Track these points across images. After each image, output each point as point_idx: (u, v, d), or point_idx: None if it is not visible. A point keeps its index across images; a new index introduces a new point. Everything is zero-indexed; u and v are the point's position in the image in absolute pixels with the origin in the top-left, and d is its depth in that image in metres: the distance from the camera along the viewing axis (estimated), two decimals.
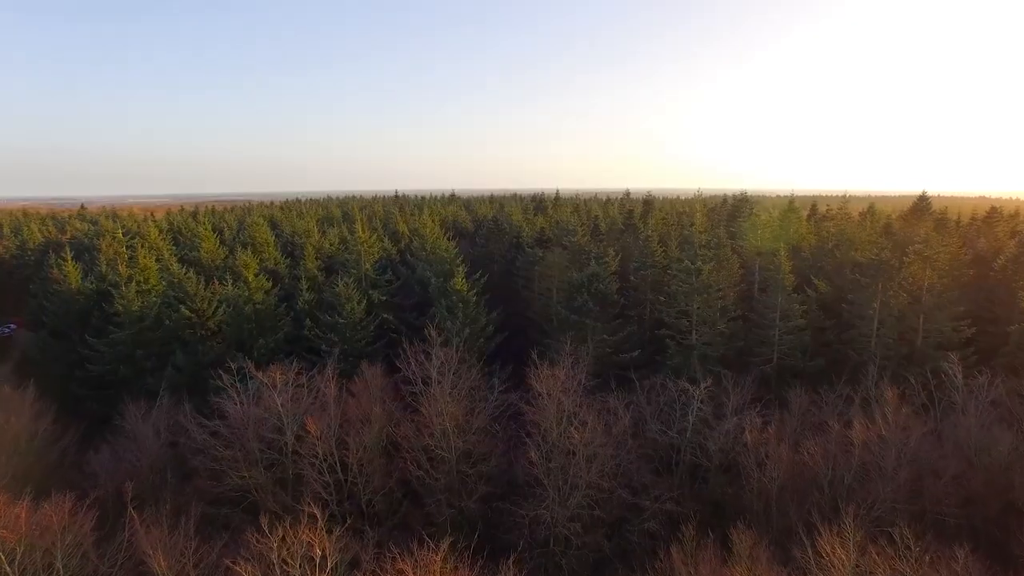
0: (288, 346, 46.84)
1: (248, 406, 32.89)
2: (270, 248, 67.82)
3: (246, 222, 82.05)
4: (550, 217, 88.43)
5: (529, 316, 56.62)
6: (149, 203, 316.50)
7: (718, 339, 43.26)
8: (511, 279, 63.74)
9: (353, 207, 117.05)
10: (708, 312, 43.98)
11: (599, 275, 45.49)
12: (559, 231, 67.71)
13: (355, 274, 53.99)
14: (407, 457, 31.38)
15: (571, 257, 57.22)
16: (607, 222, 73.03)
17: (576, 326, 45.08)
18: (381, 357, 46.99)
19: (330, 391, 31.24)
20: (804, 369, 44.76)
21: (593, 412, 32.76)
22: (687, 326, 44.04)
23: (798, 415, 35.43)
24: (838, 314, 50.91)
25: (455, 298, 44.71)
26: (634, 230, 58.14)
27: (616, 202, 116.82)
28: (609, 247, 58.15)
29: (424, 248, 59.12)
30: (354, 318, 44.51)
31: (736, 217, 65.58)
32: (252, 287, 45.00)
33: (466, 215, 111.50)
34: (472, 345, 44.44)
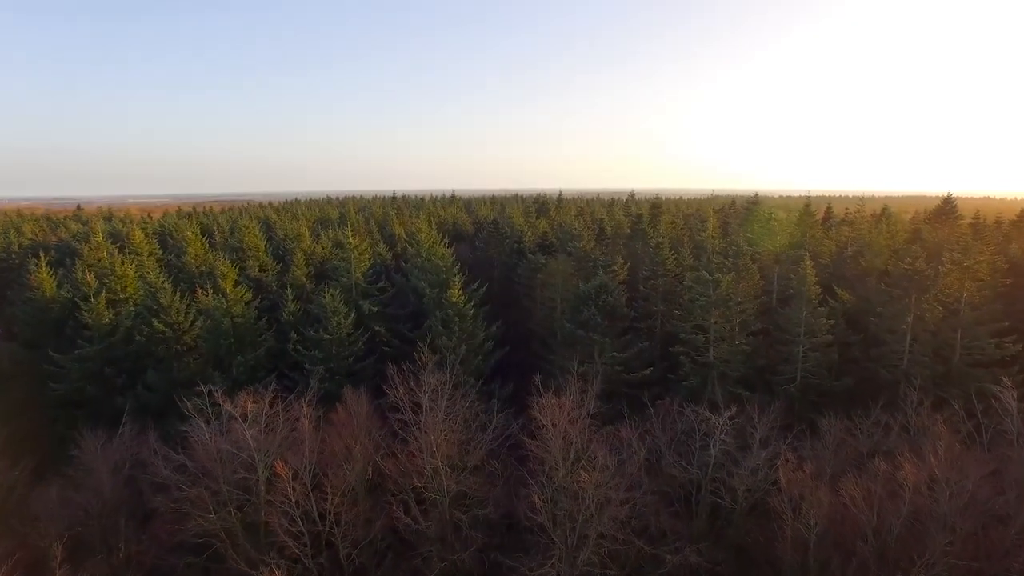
0: (271, 362, 42.87)
1: (216, 438, 28.91)
2: (260, 253, 63.76)
3: (238, 224, 78.10)
4: (552, 220, 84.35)
5: (531, 328, 52.62)
6: (150, 203, 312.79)
7: (738, 357, 39.19)
8: (512, 286, 59.75)
9: (350, 208, 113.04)
10: (727, 327, 39.94)
11: (607, 286, 41.45)
12: (563, 236, 63.65)
13: (345, 283, 50.00)
14: (393, 500, 27.37)
15: (576, 264, 53.20)
16: (612, 226, 68.94)
17: (582, 342, 41.05)
18: (371, 375, 43.05)
19: (305, 425, 27.16)
20: (831, 389, 40.69)
21: (604, 446, 28.80)
22: (704, 342, 39.98)
23: (832, 446, 31.39)
24: (863, 328, 46.85)
25: (451, 311, 40.69)
26: (642, 235, 54.14)
27: (620, 204, 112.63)
28: (616, 254, 54.16)
29: (419, 254, 55.09)
30: (340, 333, 40.49)
31: (749, 220, 61.50)
32: (230, 299, 40.97)
33: (466, 217, 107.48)
34: (469, 363, 40.47)
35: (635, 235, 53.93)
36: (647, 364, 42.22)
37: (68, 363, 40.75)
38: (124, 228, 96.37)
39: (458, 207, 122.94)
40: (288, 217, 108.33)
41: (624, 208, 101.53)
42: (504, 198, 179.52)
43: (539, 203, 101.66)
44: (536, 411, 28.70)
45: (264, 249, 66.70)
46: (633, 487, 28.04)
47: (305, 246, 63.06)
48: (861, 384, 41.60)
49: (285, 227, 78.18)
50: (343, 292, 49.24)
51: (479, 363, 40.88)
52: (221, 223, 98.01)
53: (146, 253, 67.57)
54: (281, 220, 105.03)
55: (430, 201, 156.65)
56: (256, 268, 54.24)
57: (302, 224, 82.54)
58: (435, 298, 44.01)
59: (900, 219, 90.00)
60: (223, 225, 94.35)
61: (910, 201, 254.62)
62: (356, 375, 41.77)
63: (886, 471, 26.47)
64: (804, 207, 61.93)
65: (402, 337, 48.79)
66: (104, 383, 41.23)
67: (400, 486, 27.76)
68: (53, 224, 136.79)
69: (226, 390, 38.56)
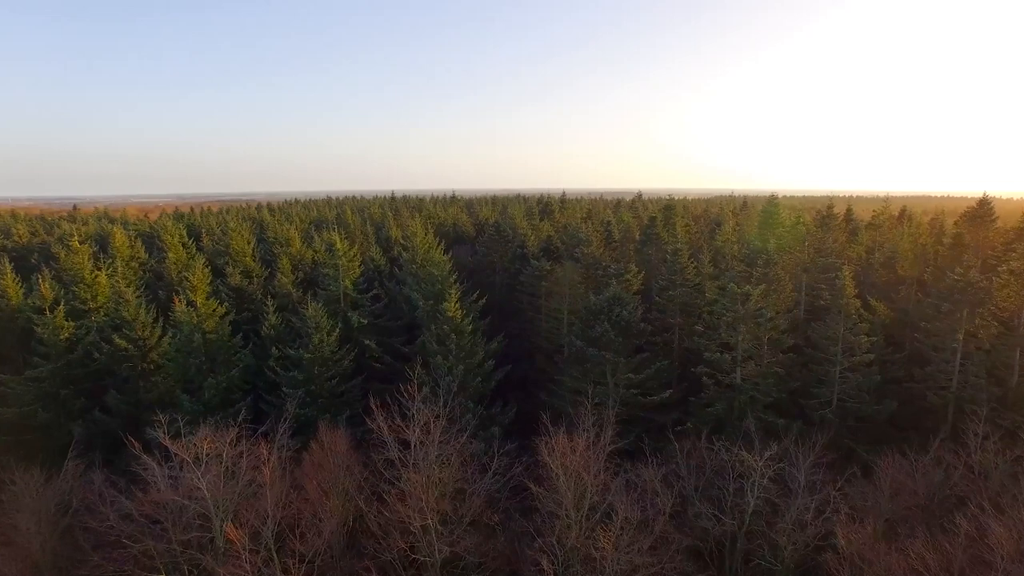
0: (249, 383, 38.18)
1: (168, 484, 24.25)
2: (246, 258, 59.06)
3: (227, 226, 73.39)
4: (557, 222, 79.54)
5: (536, 341, 47.86)
6: (153, 203, 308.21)
7: (770, 380, 34.41)
8: (514, 294, 54.91)
9: (346, 209, 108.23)
10: (756, 345, 35.16)
11: (621, 299, 36.68)
12: (569, 240, 58.86)
13: (332, 292, 45.29)
14: (373, 566, 22.59)
15: (584, 272, 48.43)
16: (621, 229, 64.09)
17: (593, 361, 36.30)
18: (358, 396, 38.35)
19: (267, 476, 22.42)
20: (871, 414, 35.91)
21: (623, 493, 24.10)
22: (730, 362, 35.19)
23: (888, 490, 26.62)
24: (902, 344, 42.07)
25: (447, 327, 35.95)
26: (656, 240, 49.31)
27: (626, 205, 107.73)
28: (627, 260, 49.39)
29: (414, 260, 50.32)
30: (323, 352, 35.75)
31: (769, 223, 56.65)
32: (202, 312, 36.26)
33: (467, 218, 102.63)
34: (467, 385, 35.75)
35: (648, 240, 49.13)
36: (665, 385, 37.49)
37: (16, 385, 36.01)
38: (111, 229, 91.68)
39: (459, 208, 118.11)
40: (283, 218, 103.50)
41: (631, 209, 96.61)
42: (506, 198, 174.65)
43: (542, 204, 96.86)
44: (544, 452, 24.01)
45: (251, 254, 61.99)
46: (658, 545, 23.34)
47: (293, 251, 58.31)
48: (904, 408, 36.88)
49: (276, 230, 73.58)
50: (330, 303, 44.61)
51: (478, 385, 36.16)
52: (212, 225, 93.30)
53: (126, 258, 62.97)
54: (275, 222, 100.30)
55: (430, 201, 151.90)
56: (237, 275, 49.43)
57: (293, 226, 77.80)
58: (430, 311, 39.31)
59: (920, 221, 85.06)
60: (214, 227, 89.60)
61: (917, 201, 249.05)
62: (341, 398, 37.12)
63: (968, 532, 21.68)
64: (827, 208, 57.03)
65: (394, 352, 44.12)
66: (60, 407, 36.58)
67: (384, 545, 23.04)
68: (48, 225, 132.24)
69: (191, 419, 34.10)
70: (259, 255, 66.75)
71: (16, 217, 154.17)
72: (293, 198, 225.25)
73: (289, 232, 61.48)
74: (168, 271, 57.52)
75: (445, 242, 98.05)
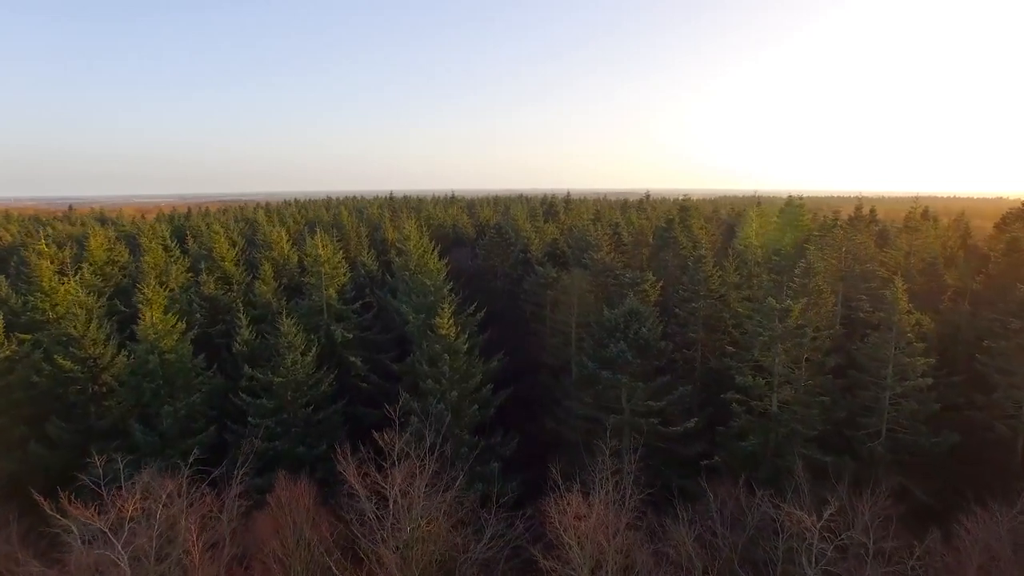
0: (214, 409, 33.23)
1: (84, 552, 19.35)
2: (227, 263, 54.15)
3: (211, 228, 68.48)
4: (562, 223, 74.47)
5: (540, 356, 42.84)
6: (155, 203, 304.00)
7: (813, 409, 29.31)
8: (517, 303, 49.88)
9: (342, 210, 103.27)
10: (795, 368, 30.08)
11: (639, 314, 31.64)
12: (576, 243, 53.85)
13: (315, 303, 40.34)
14: None
15: (594, 280, 43.44)
16: (631, 231, 59.02)
17: (606, 384, 31.30)
18: (339, 423, 33.43)
19: (195, 561, 17.43)
20: (929, 447, 30.77)
21: (648, 561, 19.13)
22: (765, 387, 30.15)
23: (976, 556, 21.54)
24: (951, 363, 36.92)
25: (438, 346, 30.96)
26: (674, 244, 44.24)
27: (634, 205, 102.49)
28: (641, 266, 44.36)
29: (407, 266, 45.33)
30: (297, 375, 30.77)
31: (793, 227, 51.61)
32: (158, 328, 31.32)
33: (467, 219, 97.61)
34: (462, 413, 30.77)
35: (665, 244, 44.08)
36: (688, 412, 32.43)
37: None
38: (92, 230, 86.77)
39: (459, 208, 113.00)
40: (276, 220, 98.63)
41: (639, 210, 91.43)
42: (508, 198, 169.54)
43: (547, 204, 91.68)
44: (553, 518, 19.02)
45: (232, 258, 57.11)
46: None
47: (277, 255, 53.24)
48: (966, 440, 31.76)
49: (264, 232, 68.73)
50: (311, 315, 39.67)
51: (475, 413, 31.12)
52: (201, 226, 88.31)
53: (101, 262, 58.17)
54: (269, 222, 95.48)
55: (430, 202, 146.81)
56: (212, 283, 44.48)
57: (283, 228, 72.88)
58: (420, 326, 34.32)
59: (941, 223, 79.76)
60: (202, 228, 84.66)
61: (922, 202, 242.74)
62: (318, 426, 32.14)
63: None
64: (856, 209, 51.84)
65: (383, 371, 39.19)
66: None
67: None
68: (41, 225, 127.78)
69: (149, 451, 29.27)
70: (247, 259, 61.98)
71: (9, 217, 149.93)
72: (293, 198, 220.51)
73: (273, 235, 56.43)
74: (145, 277, 52.61)
75: (445, 244, 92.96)
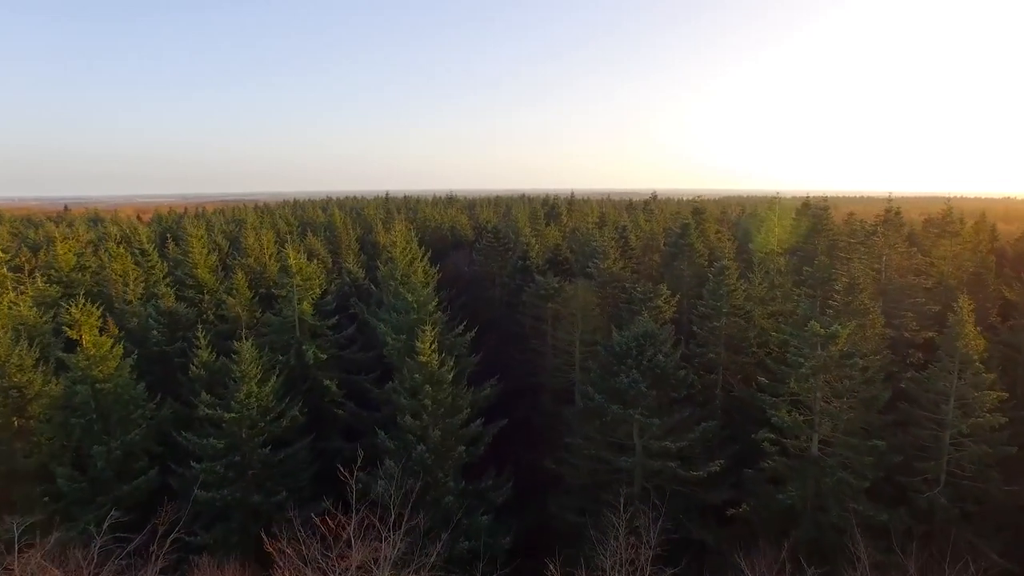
0: (161, 445, 28.41)
1: None
2: (202, 270, 49.32)
3: (190, 232, 63.66)
4: (565, 226, 69.47)
5: (540, 377, 38.00)
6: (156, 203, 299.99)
7: (866, 455, 24.33)
8: (515, 314, 44.92)
9: (334, 211, 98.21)
10: (840, 403, 25.10)
11: (654, 337, 26.73)
12: (580, 249, 48.98)
13: (287, 319, 35.51)
14: None
15: (600, 291, 38.58)
16: (640, 236, 54.03)
17: (616, 419, 26.42)
18: (305, 462, 28.65)
19: None
20: (1000, 497, 25.78)
21: None
22: (804, 426, 25.20)
23: None
24: (1018, 394, 31.87)
25: (419, 376, 26.09)
26: (689, 251, 39.21)
27: (641, 205, 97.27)
28: (657, 279, 39.47)
29: (393, 276, 40.43)
30: (251, 412, 25.90)
31: (820, 231, 46.53)
32: (90, 354, 26.52)
33: (466, 220, 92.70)
34: (446, 454, 25.91)
35: (679, 251, 39.09)
36: (710, 451, 27.51)
37: None
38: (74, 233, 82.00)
39: (458, 209, 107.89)
40: (267, 222, 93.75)
41: (645, 211, 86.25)
42: (510, 199, 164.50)
43: (548, 205, 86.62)
44: None
45: (210, 265, 52.32)
46: None
47: (255, 261, 48.39)
48: None
49: (246, 236, 63.93)
50: (281, 332, 34.86)
51: (461, 454, 26.21)
52: (187, 229, 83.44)
53: (68, 268, 53.47)
54: (261, 224, 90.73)
55: (430, 202, 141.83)
56: (172, 296, 39.65)
57: (270, 231, 68.08)
58: (401, 349, 29.44)
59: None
60: (188, 231, 79.83)
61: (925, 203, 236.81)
62: (279, 467, 27.32)
63: None
64: (887, 211, 46.74)
65: (362, 395, 34.35)
66: None
67: None
68: (32, 226, 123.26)
69: (77, 500, 24.52)
70: (228, 265, 57.13)
71: (0, 217, 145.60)
72: (292, 199, 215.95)
73: (250, 239, 51.61)
74: (113, 287, 47.85)
75: (442, 247, 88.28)
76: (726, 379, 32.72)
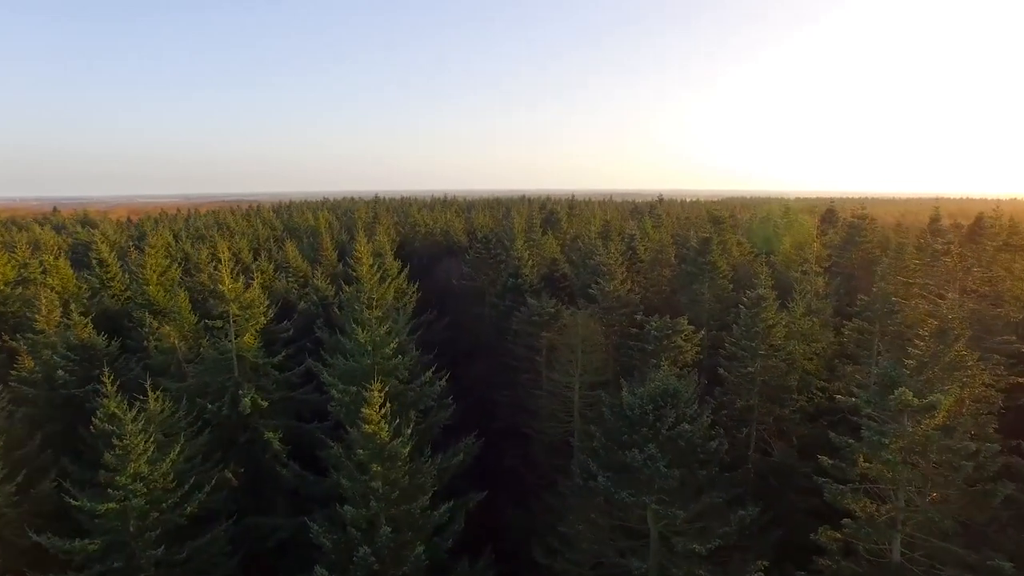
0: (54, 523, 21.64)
1: None
2: (152, 288, 42.55)
3: (150, 240, 56.92)
4: (565, 235, 62.51)
5: (533, 421, 31.14)
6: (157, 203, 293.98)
7: (967, 569, 17.39)
8: (504, 338, 38.01)
9: (319, 215, 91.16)
10: (936, 495, 18.17)
11: (677, 397, 19.88)
12: (582, 262, 42.14)
13: (222, 358, 28.70)
14: None
15: (604, 316, 31.79)
16: (648, 246, 47.08)
17: (626, 506, 19.61)
18: (222, 556, 21.87)
19: None
20: None
21: None
22: (885, 526, 18.28)
23: None
24: None
25: (365, 452, 19.29)
26: (711, 272, 32.22)
27: (647, 210, 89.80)
28: (672, 300, 32.66)
29: (358, 299, 33.59)
30: (137, 501, 19.07)
31: (855, 242, 39.57)
32: None
33: (460, 224, 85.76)
34: (400, 553, 19.11)
35: (698, 272, 32.08)
36: (746, 536, 20.64)
37: None
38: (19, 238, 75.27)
39: (452, 212, 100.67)
40: (251, 225, 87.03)
41: (651, 215, 79.10)
42: (510, 200, 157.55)
43: (547, 211, 79.38)
44: None
45: (165, 280, 45.60)
46: None
47: (207, 279, 41.58)
48: None
49: (200, 249, 56.95)
50: (215, 372, 28.11)
51: (420, 556, 19.33)
52: (166, 234, 76.70)
53: (11, 279, 46.77)
54: (239, 228, 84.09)
55: (422, 203, 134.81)
56: (86, 327, 32.65)
57: (242, 239, 61.37)
58: (348, 405, 22.62)
59: None
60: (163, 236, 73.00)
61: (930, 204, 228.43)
62: (184, 568, 20.49)
63: None
64: (936, 212, 39.56)
65: (311, 450, 27.55)
66: None
67: None
68: (16, 228, 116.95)
69: None
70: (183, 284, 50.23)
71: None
72: (289, 199, 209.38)
73: (202, 255, 44.77)
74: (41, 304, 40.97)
75: (435, 253, 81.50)
76: (760, 435, 25.88)
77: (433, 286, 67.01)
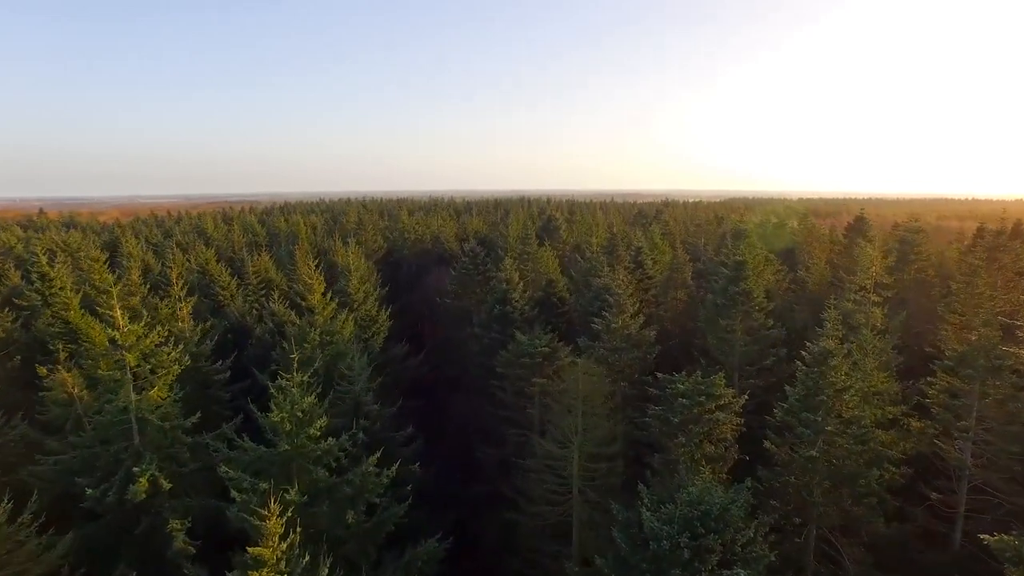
0: None
1: None
2: (74, 312, 35.76)
3: (91, 254, 50.09)
4: (564, 244, 55.48)
5: (522, 489, 24.24)
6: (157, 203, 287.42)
7: None
8: (488, 380, 30.92)
9: (299, 221, 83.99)
10: None
11: (727, 520, 12.96)
12: (583, 279, 35.29)
13: (115, 419, 21.81)
14: None
15: (611, 360, 25.02)
16: (659, 260, 40.11)
17: None
18: None
19: None
20: None
21: None
22: None
23: None
24: None
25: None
26: (744, 301, 25.13)
27: (653, 215, 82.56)
28: (690, 327, 25.91)
29: (304, 338, 26.63)
30: None
31: (908, 260, 32.66)
32: None
33: (453, 229, 78.77)
34: None
35: (730, 303, 24.92)
36: None
37: None
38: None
39: (444, 216, 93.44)
40: (231, 230, 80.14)
41: (657, 220, 72.00)
42: (509, 201, 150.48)
43: (544, 217, 72.26)
44: None
45: (115, 296, 38.62)
46: None
47: (135, 302, 34.52)
48: None
49: (198, 251, 50.09)
50: (108, 440, 21.38)
51: None
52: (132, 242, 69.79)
53: None
54: (216, 234, 77.28)
55: (415, 204, 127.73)
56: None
57: (208, 249, 54.48)
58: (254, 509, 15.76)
59: None
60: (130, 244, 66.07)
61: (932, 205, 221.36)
62: None
63: None
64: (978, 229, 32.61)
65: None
66: None
67: None
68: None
69: None
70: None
71: None
72: (288, 199, 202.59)
73: (134, 273, 37.82)
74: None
75: (426, 262, 74.50)
76: (824, 537, 18.96)
77: (421, 299, 60.10)
